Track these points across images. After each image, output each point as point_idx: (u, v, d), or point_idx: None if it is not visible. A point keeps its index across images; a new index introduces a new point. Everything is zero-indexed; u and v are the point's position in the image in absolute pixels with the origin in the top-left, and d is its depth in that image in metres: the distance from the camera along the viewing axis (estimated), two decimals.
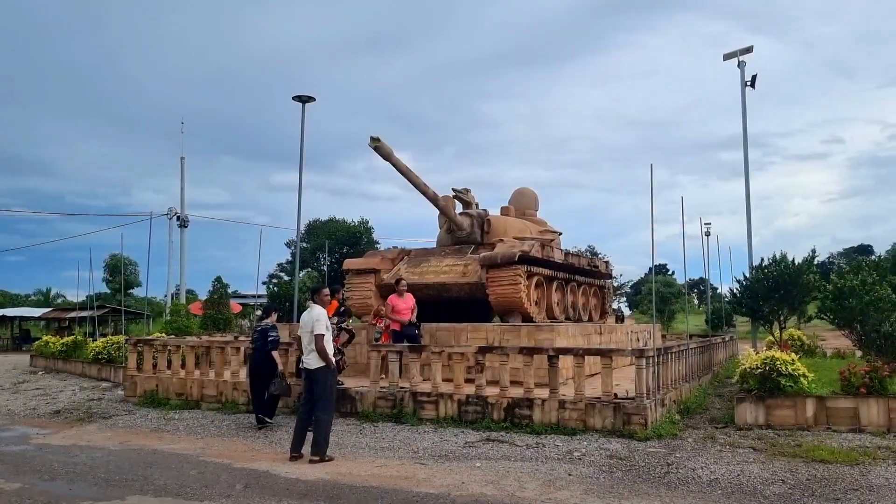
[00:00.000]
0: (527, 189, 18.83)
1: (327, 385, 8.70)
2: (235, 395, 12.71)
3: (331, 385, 8.80)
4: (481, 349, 10.69)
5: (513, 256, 14.26)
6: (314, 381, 8.66)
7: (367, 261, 16.01)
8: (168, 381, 13.54)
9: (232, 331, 22.88)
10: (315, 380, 8.66)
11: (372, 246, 58.17)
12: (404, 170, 14.25)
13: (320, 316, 8.65)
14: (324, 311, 8.83)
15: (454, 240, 16.58)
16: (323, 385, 8.66)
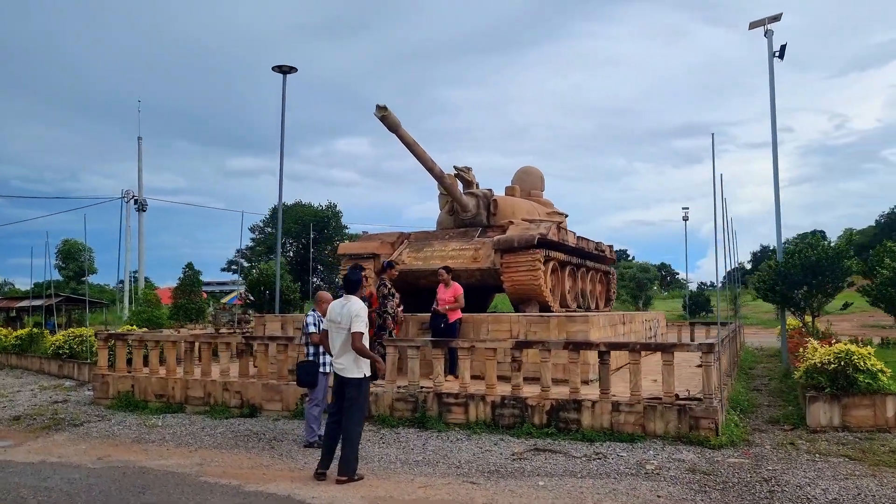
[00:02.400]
0: (532, 168, 17.52)
1: (361, 393, 7.28)
2: (226, 397, 11.17)
3: (365, 393, 7.39)
4: (518, 344, 9.37)
5: (531, 240, 12.97)
6: (347, 388, 7.25)
7: (364, 245, 14.52)
8: (146, 381, 11.93)
9: (204, 321, 21.18)
10: (349, 387, 7.24)
11: (340, 231, 56.37)
12: (411, 143, 12.81)
13: (361, 311, 7.22)
14: (364, 306, 7.40)
15: (458, 222, 15.21)
16: (356, 394, 7.24)
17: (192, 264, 21.27)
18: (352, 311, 7.11)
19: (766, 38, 14.94)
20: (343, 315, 7.16)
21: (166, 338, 12.10)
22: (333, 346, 7.28)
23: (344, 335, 7.13)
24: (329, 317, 7.38)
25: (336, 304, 7.36)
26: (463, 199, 14.68)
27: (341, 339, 7.15)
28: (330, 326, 7.35)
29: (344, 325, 7.12)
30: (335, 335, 7.25)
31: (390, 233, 15.27)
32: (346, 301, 7.28)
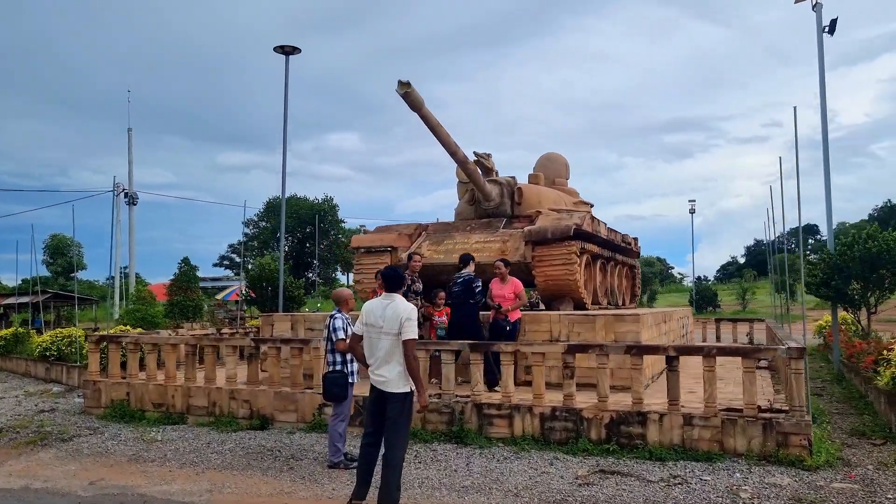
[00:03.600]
0: (556, 154, 16.34)
1: (406, 411, 6.11)
2: (234, 406, 9.97)
3: (410, 411, 6.22)
4: (572, 348, 8.22)
5: (567, 230, 11.81)
6: (389, 404, 6.07)
7: (380, 236, 13.31)
8: (142, 388, 10.71)
9: (202, 319, 19.92)
10: (393, 403, 6.06)
11: (337, 225, 55.10)
12: (435, 124, 11.62)
13: (412, 314, 6.05)
14: (414, 307, 6.23)
15: (480, 212, 14.03)
16: (400, 411, 6.06)
17: (188, 259, 20.06)
18: (400, 314, 5.93)
19: (815, 12, 13.85)
20: (387, 318, 5.97)
21: (165, 340, 10.89)
22: (371, 354, 6.10)
23: (388, 342, 5.95)
24: (365, 319, 6.19)
25: (375, 305, 6.17)
26: (486, 187, 13.49)
27: (384, 347, 5.96)
28: (366, 331, 6.16)
29: (388, 330, 5.94)
30: (374, 341, 6.07)
31: (407, 224, 14.07)
32: (388, 300, 6.09)
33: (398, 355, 6.01)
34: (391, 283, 6.20)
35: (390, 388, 6.00)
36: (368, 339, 6.17)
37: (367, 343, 6.18)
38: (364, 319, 6.21)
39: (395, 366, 5.99)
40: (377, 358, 6.03)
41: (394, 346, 5.99)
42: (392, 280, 6.22)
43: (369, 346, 6.15)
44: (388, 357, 5.99)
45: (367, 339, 6.17)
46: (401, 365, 6.01)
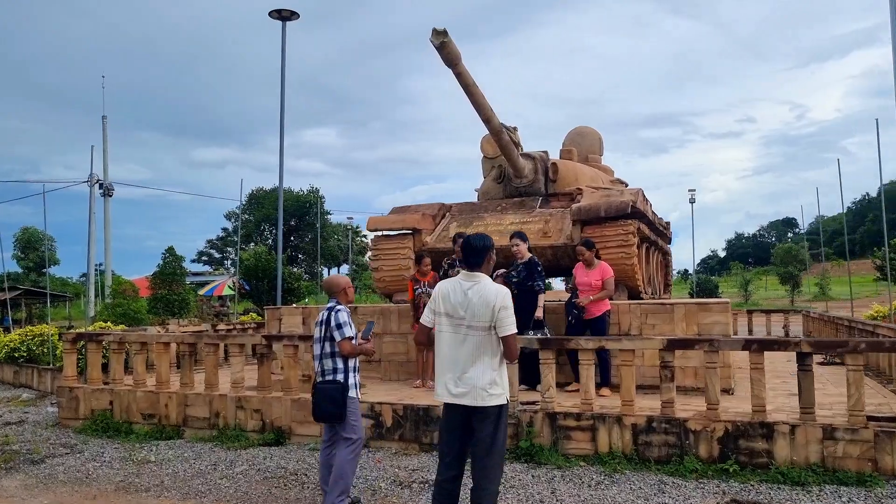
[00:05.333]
0: (588, 128, 14.75)
1: (501, 429, 4.50)
2: (241, 417, 8.28)
3: (506, 430, 4.60)
4: (671, 343, 6.62)
5: (624, 207, 10.23)
6: (479, 423, 4.44)
7: (402, 218, 11.62)
8: (129, 395, 8.96)
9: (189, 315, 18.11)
10: (483, 420, 4.43)
11: (323, 218, 53.11)
12: (470, 83, 9.97)
13: (507, 300, 4.42)
14: (509, 292, 4.58)
15: (510, 190, 12.39)
16: (495, 430, 4.45)
17: (173, 249, 18.14)
18: (491, 299, 4.33)
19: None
20: (472, 305, 4.37)
21: (156, 338, 9.13)
22: (447, 356, 4.47)
23: (475, 339, 4.35)
24: (439, 306, 4.53)
25: (452, 286, 4.53)
26: (520, 161, 11.86)
27: (469, 345, 4.37)
28: (440, 323, 4.53)
29: (475, 322, 4.35)
30: (452, 337, 4.44)
31: (430, 204, 12.39)
32: (472, 281, 4.46)
33: (489, 356, 4.39)
34: (475, 256, 4.55)
35: (480, 401, 4.38)
36: (440, 336, 4.54)
37: (442, 341, 4.55)
38: (438, 306, 4.58)
39: (486, 370, 4.38)
40: (458, 360, 4.40)
41: (483, 345, 4.38)
42: (476, 252, 4.56)
43: (445, 345, 4.51)
44: (473, 359, 4.37)
45: (441, 336, 4.54)
46: (493, 369, 4.41)
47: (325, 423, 5.48)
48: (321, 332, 5.51)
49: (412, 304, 9.04)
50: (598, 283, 8.59)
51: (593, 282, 8.62)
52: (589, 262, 8.76)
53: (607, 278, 8.63)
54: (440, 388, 4.54)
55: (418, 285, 9.08)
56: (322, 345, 5.51)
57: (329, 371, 5.46)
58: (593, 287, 8.58)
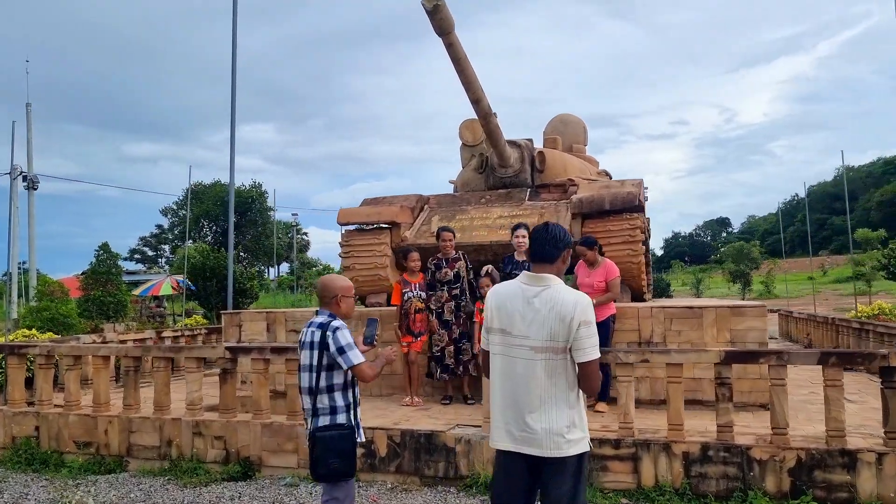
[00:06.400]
0: (571, 116, 13.70)
1: (581, 485, 3.33)
2: (200, 445, 6.89)
3: (585, 485, 3.43)
4: (730, 356, 5.58)
5: (631, 199, 9.21)
6: (553, 476, 3.27)
7: (378, 210, 10.30)
8: (60, 420, 7.45)
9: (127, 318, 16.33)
10: (559, 474, 3.26)
11: (265, 214, 50.98)
12: (461, 57, 8.77)
13: (589, 310, 3.23)
14: (590, 300, 3.38)
15: (494, 181, 11.24)
16: (575, 485, 3.28)
17: (107, 245, 16.29)
18: (566, 310, 3.17)
19: None
20: (540, 317, 3.20)
21: (94, 350, 7.63)
22: (507, 387, 3.28)
23: (543, 364, 3.19)
24: (492, 320, 3.36)
25: (510, 293, 3.34)
26: (507, 149, 10.73)
27: (535, 373, 3.20)
28: (492, 342, 3.36)
29: (542, 342, 3.19)
30: (509, 363, 3.28)
31: (407, 195, 11.13)
32: (539, 285, 3.28)
33: (564, 388, 3.23)
34: (547, 249, 3.37)
35: (555, 450, 3.21)
36: (492, 361, 3.38)
37: (492, 368, 3.38)
38: (491, 320, 3.39)
39: (560, 408, 3.21)
40: (518, 395, 3.23)
41: (555, 373, 3.21)
42: (547, 244, 3.39)
43: (499, 375, 3.34)
44: (542, 392, 3.21)
45: (492, 362, 3.37)
46: (569, 405, 3.24)
47: (328, 482, 4.05)
48: (312, 359, 4.01)
49: (399, 310, 7.80)
50: (601, 285, 7.51)
51: (596, 283, 7.54)
52: (592, 261, 7.69)
53: (612, 279, 7.56)
54: (497, 431, 3.35)
55: (407, 288, 7.85)
56: (315, 376, 3.99)
57: (326, 411, 3.98)
58: (596, 289, 7.49)
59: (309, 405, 4.01)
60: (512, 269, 7.69)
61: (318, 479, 4.00)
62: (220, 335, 12.65)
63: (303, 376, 4.06)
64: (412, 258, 7.92)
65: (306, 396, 4.03)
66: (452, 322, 7.69)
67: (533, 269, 3.39)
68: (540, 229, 3.42)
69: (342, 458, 3.94)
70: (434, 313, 7.72)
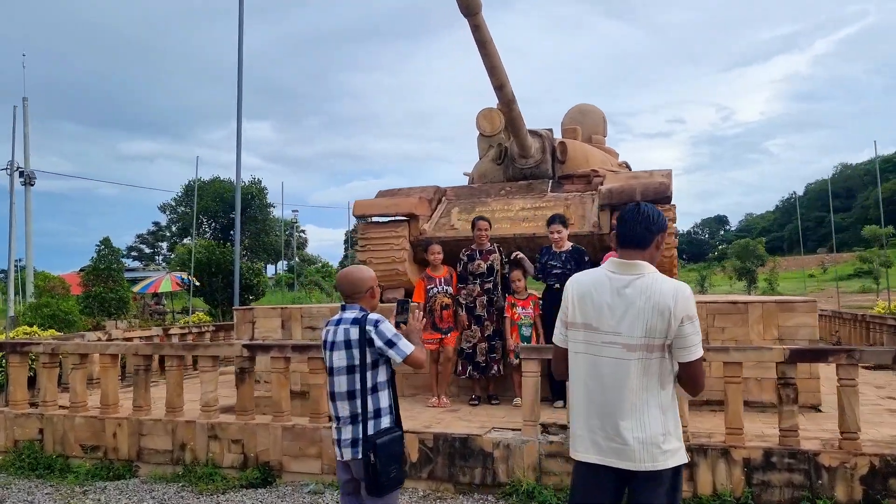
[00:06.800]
0: (591, 106, 13.26)
1: (677, 500, 2.91)
2: (216, 449, 6.47)
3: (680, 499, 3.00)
4: (795, 354, 5.16)
5: (664, 190, 8.78)
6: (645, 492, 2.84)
7: (395, 201, 9.85)
8: (65, 422, 7.02)
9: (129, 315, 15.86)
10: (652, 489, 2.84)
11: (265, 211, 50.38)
12: (487, 39, 8.32)
13: (690, 303, 2.78)
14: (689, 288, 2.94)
15: (513, 172, 10.80)
16: (671, 502, 2.87)
17: (109, 240, 15.75)
18: (665, 301, 2.75)
19: None
20: (634, 309, 2.79)
21: (101, 348, 7.19)
22: (593, 389, 2.86)
23: (636, 364, 2.77)
24: (574, 313, 2.94)
25: (596, 281, 2.92)
26: (528, 139, 10.30)
27: (626, 374, 2.78)
28: (574, 338, 2.94)
29: (638, 337, 2.77)
30: (594, 362, 2.86)
31: (425, 187, 10.69)
32: (631, 273, 2.86)
33: (658, 392, 2.81)
34: (637, 231, 2.94)
35: (648, 463, 2.79)
36: (575, 361, 2.96)
37: (574, 367, 2.96)
38: (571, 313, 2.97)
39: (654, 414, 2.80)
40: (605, 400, 2.82)
41: (649, 374, 2.79)
42: (638, 225, 2.95)
43: (583, 376, 2.92)
44: (634, 396, 2.78)
45: (574, 361, 2.95)
46: (663, 411, 2.82)
47: (385, 495, 3.58)
48: (352, 359, 3.57)
49: (424, 308, 7.37)
50: None
51: None
52: None
53: None
54: (581, 441, 2.93)
55: (431, 283, 7.42)
56: (359, 377, 3.56)
57: (372, 415, 3.57)
58: None
59: (348, 412, 3.58)
60: (548, 260, 7.29)
61: (378, 493, 3.54)
62: (228, 333, 12.25)
63: (338, 380, 3.61)
64: (433, 251, 7.49)
65: (344, 402, 3.59)
66: (485, 318, 7.26)
67: (620, 256, 2.97)
68: (631, 210, 3.00)
69: (400, 465, 3.57)
70: (464, 308, 7.29)
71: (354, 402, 3.56)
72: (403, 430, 3.74)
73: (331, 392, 3.66)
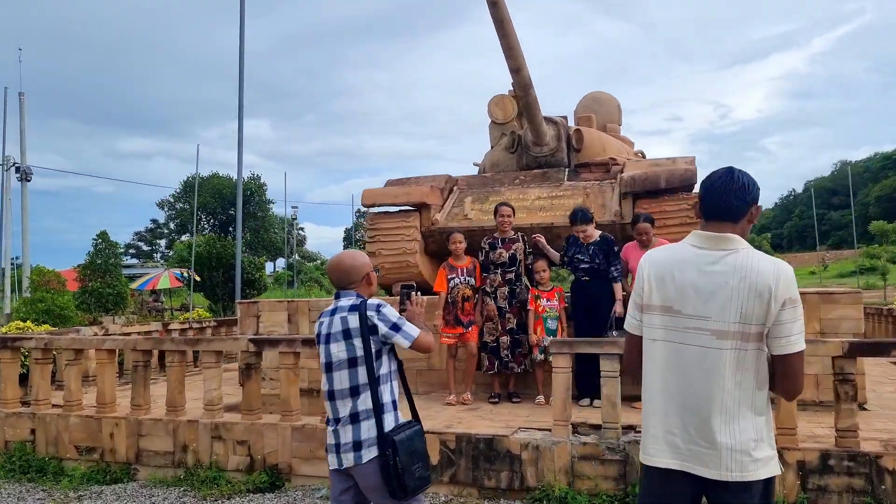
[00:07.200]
0: (605, 94, 12.83)
1: None
2: (220, 451, 6.04)
3: None
4: (854, 348, 4.74)
5: (690, 177, 8.38)
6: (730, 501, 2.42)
7: (406, 190, 9.41)
8: (58, 422, 6.59)
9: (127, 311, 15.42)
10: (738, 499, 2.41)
11: (265, 207, 49.93)
12: (505, 19, 7.90)
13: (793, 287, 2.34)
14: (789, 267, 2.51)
15: (527, 161, 10.37)
16: None
17: (106, 234, 15.29)
18: (764, 281, 2.30)
19: None
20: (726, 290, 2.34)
21: (97, 343, 6.75)
22: (674, 383, 2.43)
23: (727, 354, 2.33)
24: (650, 294, 2.50)
25: (678, 257, 2.48)
26: (544, 126, 9.86)
27: (715, 366, 2.34)
28: (650, 322, 2.50)
29: (731, 323, 2.33)
30: (676, 350, 2.43)
31: (436, 175, 10.26)
32: (722, 249, 2.41)
33: (752, 389, 2.38)
34: (730, 201, 2.48)
35: (737, 472, 2.36)
36: (651, 348, 2.53)
37: (650, 357, 2.53)
38: (648, 294, 2.54)
39: (746, 416, 2.37)
40: (687, 395, 2.40)
41: (743, 367, 2.36)
42: (732, 195, 2.48)
43: (660, 367, 2.49)
44: (723, 393, 2.35)
45: (650, 349, 2.53)
46: (756, 412, 2.39)
47: (411, 497, 3.11)
48: (353, 351, 3.12)
49: (446, 299, 6.93)
50: None
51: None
52: (647, 243, 6.82)
53: None
54: (655, 443, 2.50)
55: (454, 273, 6.98)
56: (365, 370, 3.11)
57: (386, 408, 3.14)
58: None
59: (348, 411, 3.12)
60: (575, 253, 6.86)
61: (404, 496, 3.10)
62: (230, 328, 11.81)
63: (338, 376, 3.15)
64: (455, 239, 7.06)
65: (346, 400, 3.14)
66: (506, 310, 6.83)
67: (707, 229, 2.53)
68: (722, 176, 2.54)
69: (425, 462, 3.17)
70: (490, 296, 6.87)
71: (357, 399, 3.12)
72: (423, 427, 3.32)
73: (328, 391, 3.20)
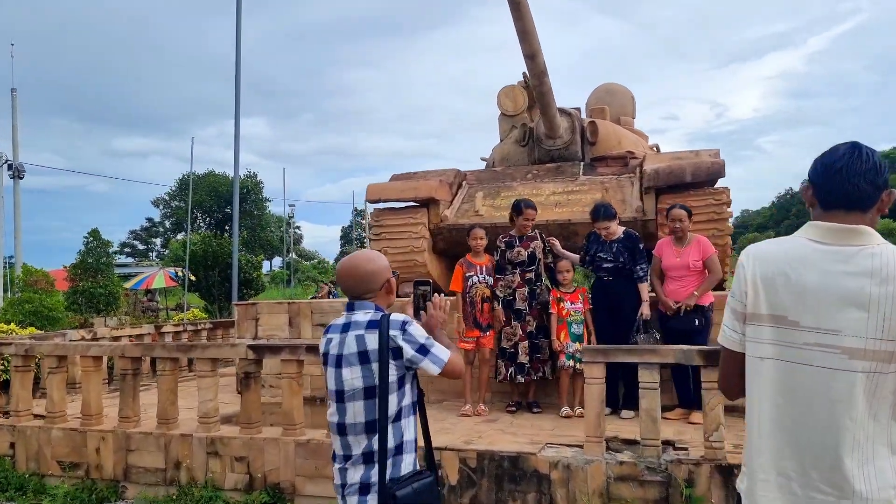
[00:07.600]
0: (618, 86, 12.33)
1: None
2: (216, 468, 5.51)
3: None
4: None
5: (718, 169, 7.88)
6: None
7: (414, 185, 8.88)
8: (40, 435, 6.06)
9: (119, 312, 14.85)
10: None
11: (261, 205, 49.32)
12: (521, 2, 7.39)
13: None
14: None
15: (540, 154, 9.86)
16: None
17: (97, 232, 14.75)
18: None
19: None
20: (870, 299, 1.79)
21: (82, 349, 6.22)
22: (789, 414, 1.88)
23: (864, 379, 1.78)
24: (758, 300, 1.93)
25: (788, 254, 1.93)
26: (558, 117, 9.35)
27: (848, 395, 1.79)
28: (758, 335, 1.93)
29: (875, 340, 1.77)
30: (793, 372, 1.87)
31: (444, 170, 9.73)
32: (851, 244, 1.87)
33: (887, 421, 1.83)
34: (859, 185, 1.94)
35: None
36: (758, 368, 2.00)
37: (756, 381, 2.00)
38: (755, 300, 2.00)
39: (880, 453, 1.81)
40: (809, 429, 1.86)
41: (879, 394, 1.82)
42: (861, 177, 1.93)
43: (771, 394, 1.96)
44: (855, 425, 1.82)
45: (756, 369, 2.00)
46: (893, 450, 1.86)
47: None
48: (371, 378, 2.46)
49: (463, 299, 6.42)
50: (698, 265, 6.10)
51: (692, 262, 6.11)
52: (681, 238, 6.28)
53: (712, 256, 6.17)
54: (765, 488, 1.96)
55: (472, 271, 6.46)
56: (383, 402, 2.45)
57: (393, 451, 2.47)
58: (692, 270, 6.10)
59: (362, 449, 2.48)
60: (597, 252, 6.34)
61: None
62: (227, 330, 11.27)
63: (353, 407, 2.49)
64: (475, 235, 6.54)
65: (360, 436, 2.48)
66: (526, 312, 6.31)
67: (825, 219, 2.00)
68: (846, 153, 1.99)
69: None
70: (501, 301, 6.34)
71: (373, 436, 2.46)
72: (437, 467, 2.69)
73: (338, 423, 2.53)
